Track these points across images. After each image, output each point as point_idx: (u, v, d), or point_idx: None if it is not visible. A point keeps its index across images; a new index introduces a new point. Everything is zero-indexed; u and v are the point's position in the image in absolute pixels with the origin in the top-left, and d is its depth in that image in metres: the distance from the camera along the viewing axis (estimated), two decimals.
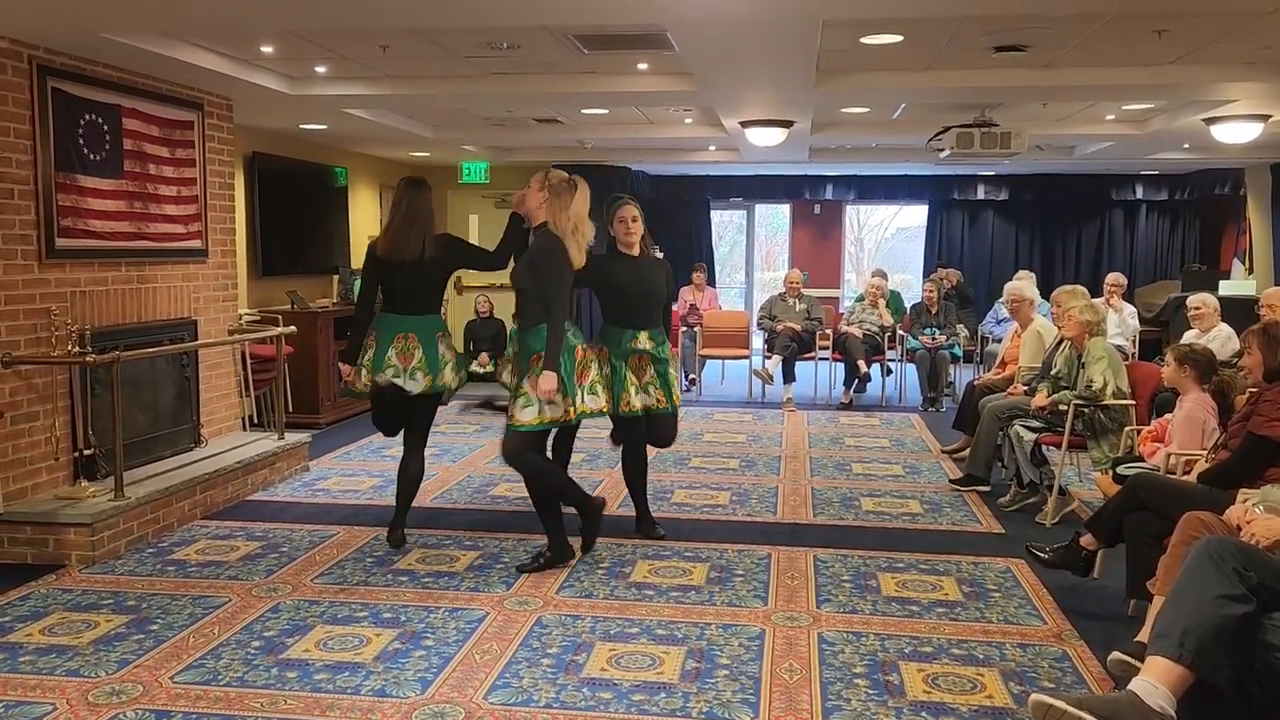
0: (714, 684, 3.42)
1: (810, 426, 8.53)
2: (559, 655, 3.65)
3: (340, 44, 5.60)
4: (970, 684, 3.45)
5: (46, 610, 4.10)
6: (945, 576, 4.59)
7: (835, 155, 10.79)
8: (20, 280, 4.86)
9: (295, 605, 4.16)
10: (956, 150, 7.39)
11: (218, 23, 4.82)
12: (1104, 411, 5.39)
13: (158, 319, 5.87)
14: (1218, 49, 5.56)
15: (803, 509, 5.82)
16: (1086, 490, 6.07)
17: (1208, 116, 7.36)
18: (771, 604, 4.22)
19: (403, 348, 4.76)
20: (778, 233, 16.23)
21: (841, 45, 5.54)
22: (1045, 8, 4.53)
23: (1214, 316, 6.81)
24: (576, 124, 8.76)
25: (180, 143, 6.01)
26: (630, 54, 5.85)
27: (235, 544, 5.03)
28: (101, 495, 4.95)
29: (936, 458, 7.28)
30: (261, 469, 6.12)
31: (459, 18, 4.62)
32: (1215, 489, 3.77)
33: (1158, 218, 12.97)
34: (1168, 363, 4.72)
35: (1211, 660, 2.67)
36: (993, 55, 5.79)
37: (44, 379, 4.99)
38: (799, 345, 9.62)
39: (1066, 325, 5.67)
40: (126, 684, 3.39)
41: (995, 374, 7.21)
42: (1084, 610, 4.14)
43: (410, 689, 3.37)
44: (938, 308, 9.74)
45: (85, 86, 5.24)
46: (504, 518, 5.52)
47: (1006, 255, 13.10)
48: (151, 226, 5.76)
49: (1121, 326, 8.93)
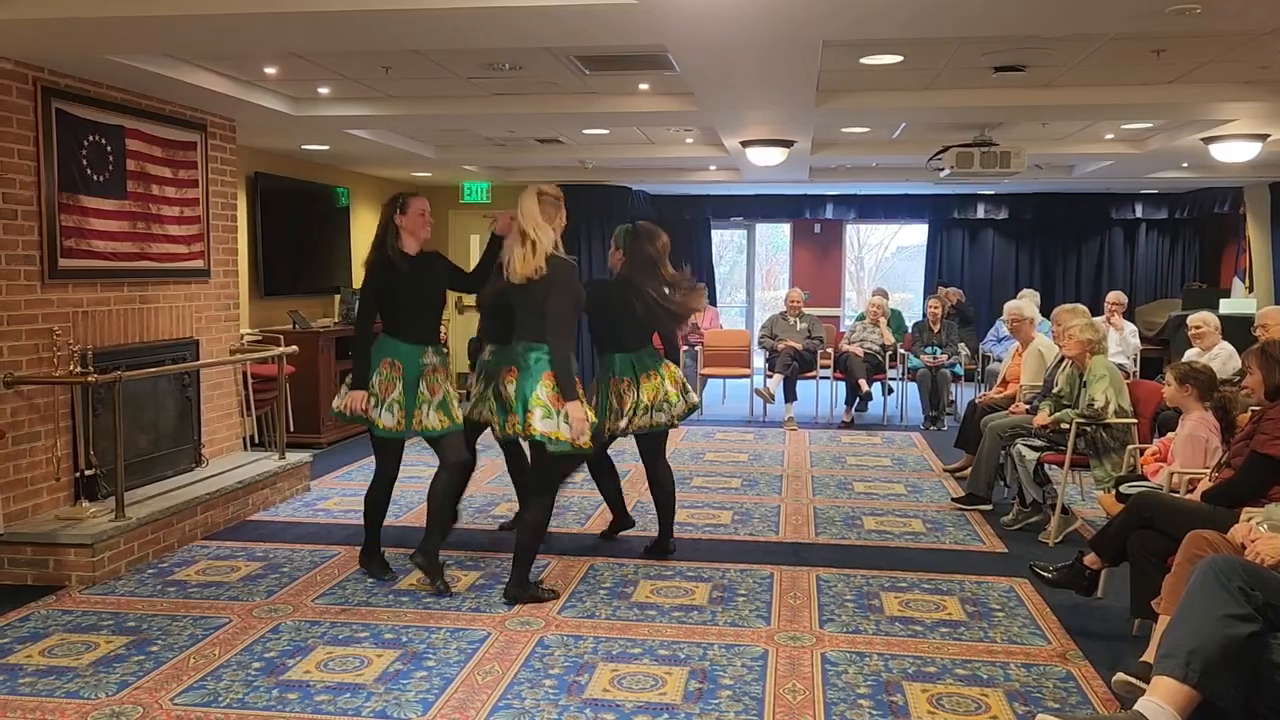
0: (717, 704, 3.40)
1: (812, 445, 8.51)
2: (561, 676, 3.64)
3: (342, 65, 5.63)
4: (974, 704, 3.43)
5: (46, 631, 4.08)
6: (948, 596, 4.57)
7: (835, 175, 10.82)
8: (23, 300, 4.87)
9: (296, 626, 4.14)
10: (956, 170, 7.41)
11: (221, 45, 4.85)
12: (1106, 430, 5.38)
13: (160, 339, 5.88)
14: (1216, 69, 5.59)
15: (805, 528, 5.80)
16: (1089, 509, 6.06)
17: (1206, 136, 7.39)
18: (774, 624, 4.20)
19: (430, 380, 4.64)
20: (778, 252, 16.26)
21: (841, 66, 5.57)
22: (1044, 28, 4.55)
23: (1214, 335, 6.81)
24: (578, 144, 8.79)
25: (183, 163, 6.04)
26: (631, 75, 5.88)
27: (236, 564, 5.01)
28: (102, 516, 4.93)
29: (938, 476, 7.26)
30: (263, 489, 6.11)
31: (461, 39, 4.65)
32: (1219, 507, 3.76)
33: (1158, 236, 12.99)
34: (1169, 382, 4.72)
35: (1218, 680, 2.66)
36: (992, 75, 5.82)
37: (46, 399, 4.99)
38: (800, 364, 9.62)
39: (1067, 344, 5.67)
40: (126, 705, 3.38)
41: (997, 392, 7.20)
42: (1088, 630, 4.12)
43: (412, 710, 3.35)
44: (940, 326, 9.75)
45: (89, 108, 5.27)
46: (506, 537, 5.50)
47: (1007, 274, 13.12)
48: (154, 247, 5.77)
49: (1123, 345, 8.93)
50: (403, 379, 4.51)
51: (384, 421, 4.50)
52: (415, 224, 4.59)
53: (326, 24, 4.28)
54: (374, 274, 4.57)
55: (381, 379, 4.51)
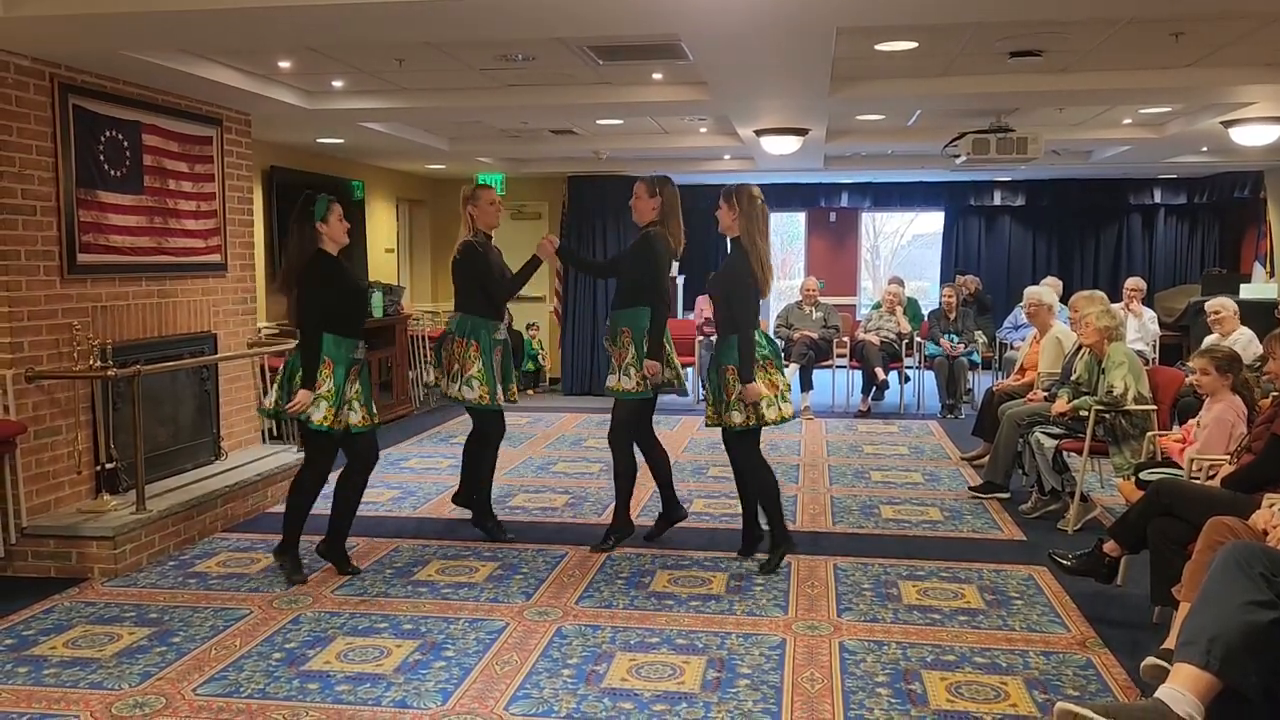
0: (735, 694, 3.41)
1: (828, 434, 8.50)
2: (579, 665, 3.65)
3: (357, 58, 5.63)
4: (994, 692, 3.42)
5: (70, 623, 4.12)
6: (967, 584, 4.56)
7: (851, 163, 10.77)
8: (43, 296, 4.90)
9: (316, 617, 4.17)
10: (972, 156, 7.35)
11: (235, 39, 4.87)
12: (1125, 417, 5.35)
13: (178, 333, 5.91)
14: (1235, 51, 5.52)
15: (822, 517, 5.79)
16: (1108, 496, 6.03)
17: (1226, 119, 7.31)
18: (792, 613, 4.20)
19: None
20: (794, 241, 16.23)
21: (856, 52, 5.53)
22: (1060, 12, 4.51)
23: (1234, 320, 6.75)
24: (591, 135, 8.78)
25: (199, 158, 6.06)
26: (645, 64, 5.86)
27: (256, 556, 5.05)
28: (123, 509, 4.97)
29: (956, 465, 7.24)
30: (281, 481, 6.13)
31: (474, 31, 4.65)
32: (1240, 494, 3.73)
33: (1176, 222, 12.88)
34: (1202, 369, 4.61)
35: (1239, 667, 2.64)
36: (1008, 61, 5.77)
37: (66, 394, 5.03)
38: (816, 353, 9.60)
39: (1085, 332, 5.64)
40: (149, 696, 3.41)
41: (1014, 380, 7.16)
42: (1108, 618, 4.10)
43: (431, 700, 3.37)
44: (956, 314, 9.70)
45: (106, 104, 5.29)
46: (523, 528, 5.52)
47: (1024, 261, 13.04)
48: (171, 241, 5.80)
49: (1142, 331, 8.87)
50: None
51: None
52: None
53: (340, 16, 4.28)
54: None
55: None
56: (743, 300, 4.68)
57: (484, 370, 5.05)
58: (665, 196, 5.11)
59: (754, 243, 4.73)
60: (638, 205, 5.11)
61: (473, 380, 5.03)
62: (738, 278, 4.72)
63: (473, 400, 5.06)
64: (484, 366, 5.05)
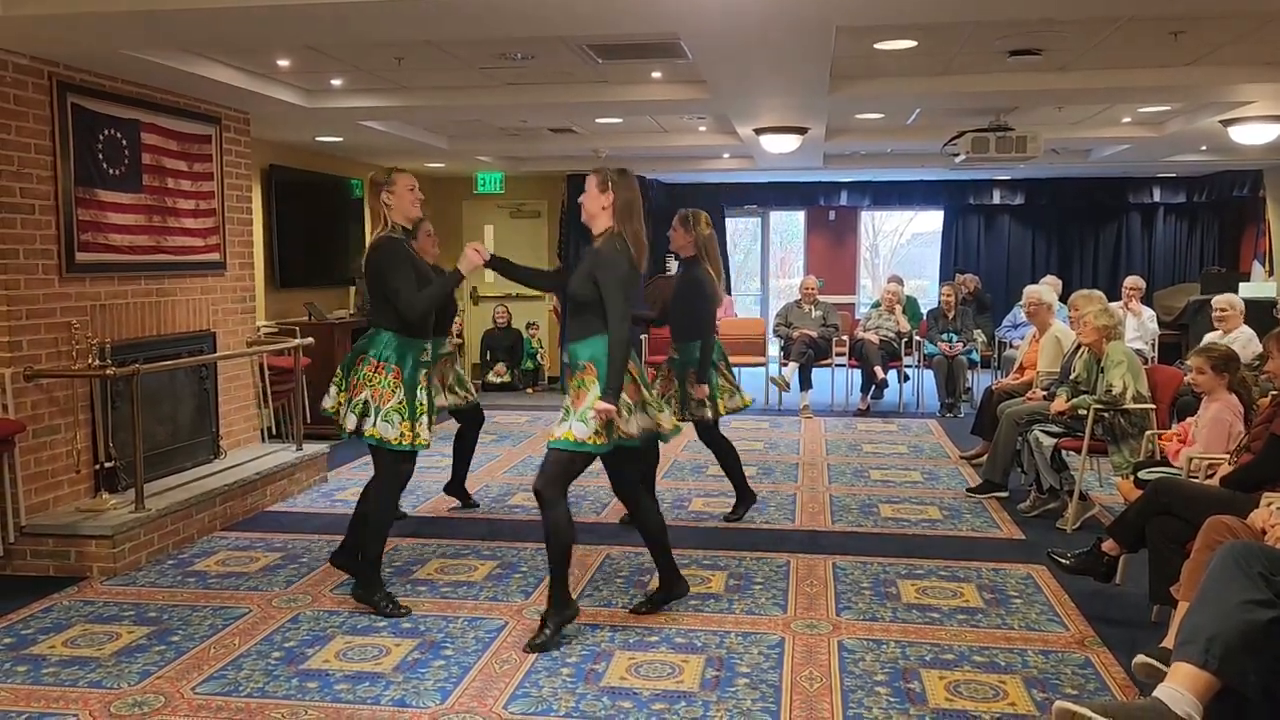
0: (734, 692, 3.41)
1: (827, 433, 8.50)
2: (578, 664, 3.65)
3: (356, 57, 5.63)
4: (992, 691, 3.42)
5: (69, 622, 4.12)
6: (966, 583, 4.56)
7: (850, 161, 10.77)
8: (41, 294, 4.90)
9: (315, 616, 4.17)
10: (972, 155, 7.36)
11: (234, 37, 4.86)
12: (1124, 416, 5.35)
13: (177, 332, 5.91)
14: (1235, 50, 5.53)
15: (821, 516, 5.79)
16: (1107, 495, 6.03)
17: (1225, 118, 7.31)
18: (791, 611, 4.20)
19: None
20: (793, 240, 16.21)
21: (855, 51, 5.53)
22: (1059, 11, 4.51)
23: (1238, 318, 6.78)
24: (591, 133, 8.78)
25: (198, 157, 6.06)
26: (644, 63, 5.86)
27: (255, 555, 5.05)
28: (122, 507, 4.97)
29: (955, 463, 7.24)
30: (280, 480, 6.14)
31: (474, 29, 4.65)
32: (1238, 492, 3.73)
33: (1176, 220, 12.88)
34: (1199, 368, 4.63)
35: (1238, 666, 2.64)
36: (1007, 59, 5.77)
37: (65, 392, 5.03)
38: (815, 352, 9.60)
39: (1083, 331, 5.64)
40: (148, 695, 3.41)
41: (1014, 379, 7.17)
42: (1107, 616, 4.10)
43: (430, 699, 3.37)
44: (954, 313, 9.70)
45: (104, 102, 5.29)
46: (522, 527, 5.52)
47: (1023, 260, 13.04)
48: (170, 240, 5.80)
49: (1141, 330, 8.87)
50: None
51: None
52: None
53: (338, 14, 4.28)
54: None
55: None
56: (707, 311, 5.33)
57: (405, 404, 4.10)
58: (620, 191, 4.31)
59: (707, 259, 5.35)
60: (588, 203, 4.42)
61: (392, 415, 4.07)
62: (700, 289, 5.30)
63: (390, 440, 4.07)
64: (406, 399, 4.10)
